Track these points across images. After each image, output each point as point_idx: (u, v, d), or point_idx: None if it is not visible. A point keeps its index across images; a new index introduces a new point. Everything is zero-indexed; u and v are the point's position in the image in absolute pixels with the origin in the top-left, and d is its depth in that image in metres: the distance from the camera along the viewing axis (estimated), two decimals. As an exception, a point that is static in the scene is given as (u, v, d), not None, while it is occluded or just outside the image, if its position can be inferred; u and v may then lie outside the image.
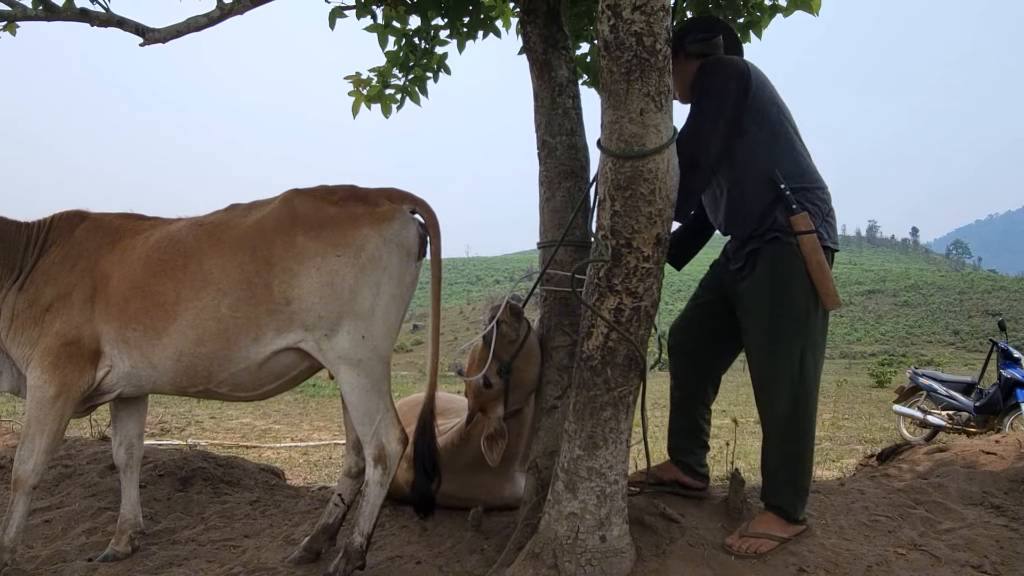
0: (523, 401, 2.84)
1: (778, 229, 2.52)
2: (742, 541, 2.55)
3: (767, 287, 2.54)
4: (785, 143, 2.60)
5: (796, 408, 2.53)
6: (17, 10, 2.83)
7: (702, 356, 2.91)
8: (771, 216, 2.54)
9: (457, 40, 3.76)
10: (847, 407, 12.58)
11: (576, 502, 2.32)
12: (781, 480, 2.62)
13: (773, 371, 2.56)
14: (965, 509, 2.98)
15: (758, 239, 2.57)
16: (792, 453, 2.59)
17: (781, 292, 2.52)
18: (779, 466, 2.62)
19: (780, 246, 2.51)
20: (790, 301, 2.51)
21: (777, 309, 2.53)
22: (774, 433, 2.61)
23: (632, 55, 2.11)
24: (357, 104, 3.92)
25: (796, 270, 2.49)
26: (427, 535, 2.97)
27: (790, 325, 2.51)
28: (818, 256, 2.46)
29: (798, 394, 2.52)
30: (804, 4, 3.33)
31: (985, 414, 7.53)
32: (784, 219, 2.51)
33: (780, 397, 2.55)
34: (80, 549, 2.99)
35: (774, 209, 2.53)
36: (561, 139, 2.89)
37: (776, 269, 2.52)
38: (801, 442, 2.58)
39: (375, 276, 2.57)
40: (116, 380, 2.72)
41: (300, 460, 6.82)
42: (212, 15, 2.99)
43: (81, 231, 2.85)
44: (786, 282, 2.51)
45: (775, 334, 2.54)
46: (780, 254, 2.51)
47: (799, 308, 2.50)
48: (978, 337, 45.60)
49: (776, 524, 2.59)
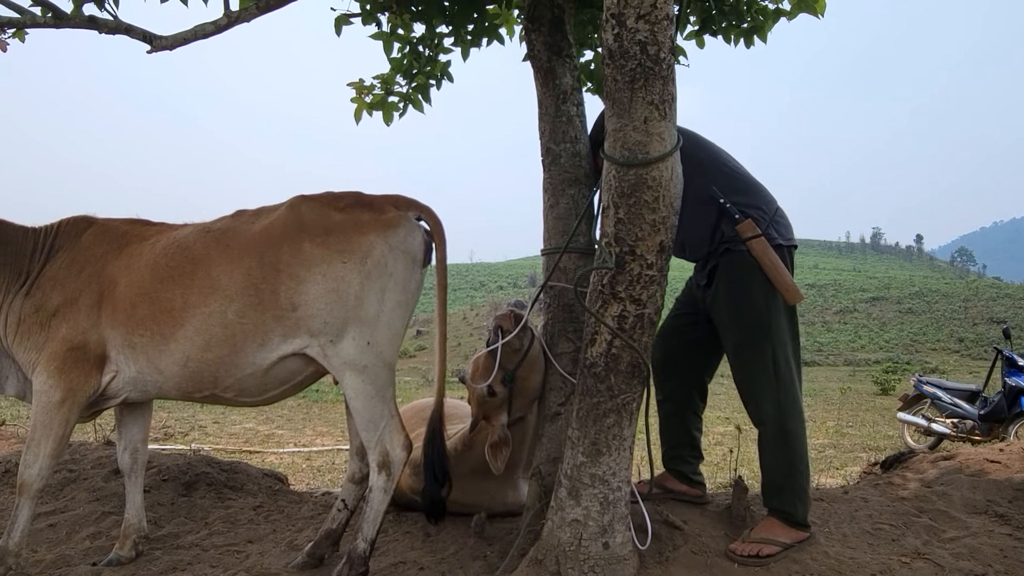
0: (527, 408, 2.85)
1: (727, 241, 2.65)
2: (745, 546, 2.55)
3: (727, 296, 2.65)
4: (712, 167, 2.73)
5: (779, 408, 2.59)
6: (26, 17, 2.85)
7: (684, 366, 2.96)
8: (719, 231, 2.66)
9: (461, 48, 3.78)
10: (851, 414, 12.54)
11: (579, 509, 2.32)
12: (778, 483, 2.64)
13: (750, 375, 2.65)
14: (969, 518, 2.97)
15: (714, 255, 2.70)
16: (785, 454, 2.61)
17: (739, 297, 2.62)
18: (774, 469, 2.65)
19: (732, 256, 2.63)
20: (749, 304, 2.61)
21: (740, 314, 2.63)
22: (765, 436, 2.66)
23: (636, 64, 2.12)
24: (359, 111, 3.94)
25: (751, 274, 2.59)
26: (430, 541, 2.97)
27: (755, 328, 2.60)
28: (769, 256, 2.56)
29: (778, 394, 2.58)
30: (808, 6, 3.34)
31: (990, 422, 7.51)
32: (730, 230, 2.63)
33: (761, 400, 2.61)
34: (84, 553, 2.99)
35: (720, 223, 2.66)
36: (565, 146, 2.91)
37: (732, 277, 2.64)
38: (791, 443, 2.61)
39: (381, 282, 2.59)
40: (122, 385, 2.73)
41: (303, 465, 6.82)
42: (219, 23, 3.01)
43: (88, 237, 2.87)
44: (743, 287, 2.62)
45: (743, 339, 2.64)
46: (733, 263, 2.64)
47: (759, 309, 2.59)
48: (983, 345, 45.43)
49: (779, 529, 2.60)
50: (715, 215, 2.66)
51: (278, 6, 3.11)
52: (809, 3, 3.33)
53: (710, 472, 5.90)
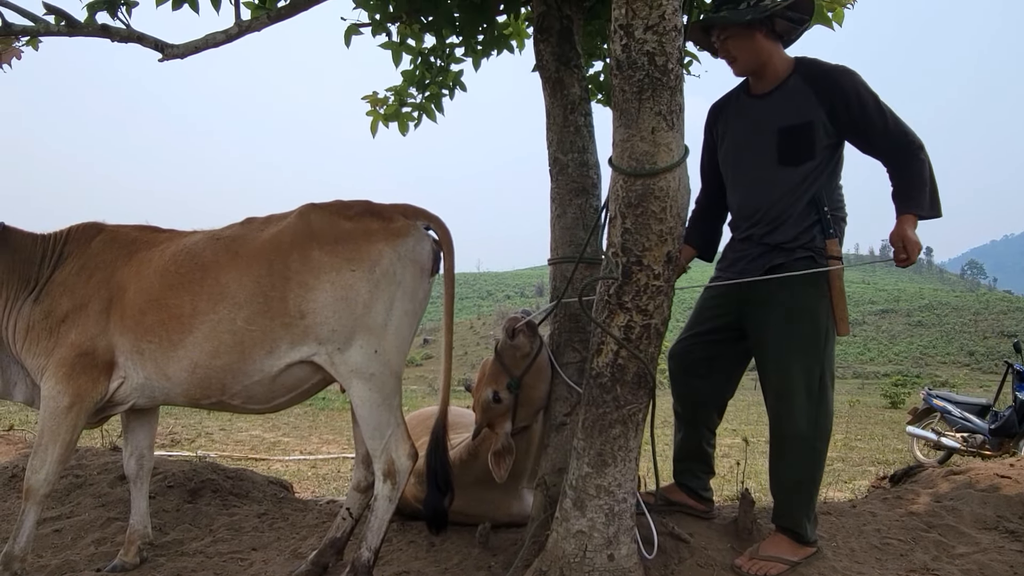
0: (532, 418, 2.84)
1: (812, 249, 2.54)
2: (752, 563, 2.53)
3: (791, 304, 2.53)
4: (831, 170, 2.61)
5: (815, 426, 2.52)
6: (40, 25, 2.89)
7: (706, 383, 2.86)
8: (809, 235, 2.55)
9: (472, 58, 3.80)
10: (860, 427, 12.46)
11: (584, 520, 2.31)
12: (794, 502, 2.59)
13: (792, 388, 2.54)
14: (979, 533, 2.94)
15: (787, 252, 2.56)
16: (807, 474, 2.57)
17: (802, 310, 2.52)
18: (793, 487, 2.59)
19: (809, 265, 2.53)
20: (811, 319, 2.52)
21: (800, 327, 2.53)
22: (790, 453, 2.58)
23: (644, 74, 2.13)
24: (375, 123, 3.97)
25: (822, 292, 2.52)
26: (434, 551, 2.96)
27: (812, 345, 2.52)
28: (842, 282, 2.51)
29: (816, 414, 2.52)
30: (823, 19, 3.31)
31: (1000, 437, 7.43)
32: (821, 241, 2.53)
33: (799, 416, 2.53)
34: (89, 559, 3.00)
35: (813, 228, 2.55)
36: (573, 156, 2.91)
37: (802, 287, 2.52)
38: (816, 464, 2.57)
39: (389, 291, 2.59)
40: (129, 391, 2.74)
41: (309, 473, 6.82)
42: (230, 32, 3.04)
43: (97, 243, 2.88)
44: (811, 303, 2.52)
45: (796, 351, 2.53)
46: (807, 277, 2.52)
47: (820, 329, 2.52)
48: (993, 358, 45.09)
49: (787, 547, 2.57)
50: (813, 219, 2.55)
51: (289, 16, 3.14)
52: (824, 16, 3.30)
53: (717, 484, 5.85)
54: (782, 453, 2.61)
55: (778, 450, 2.62)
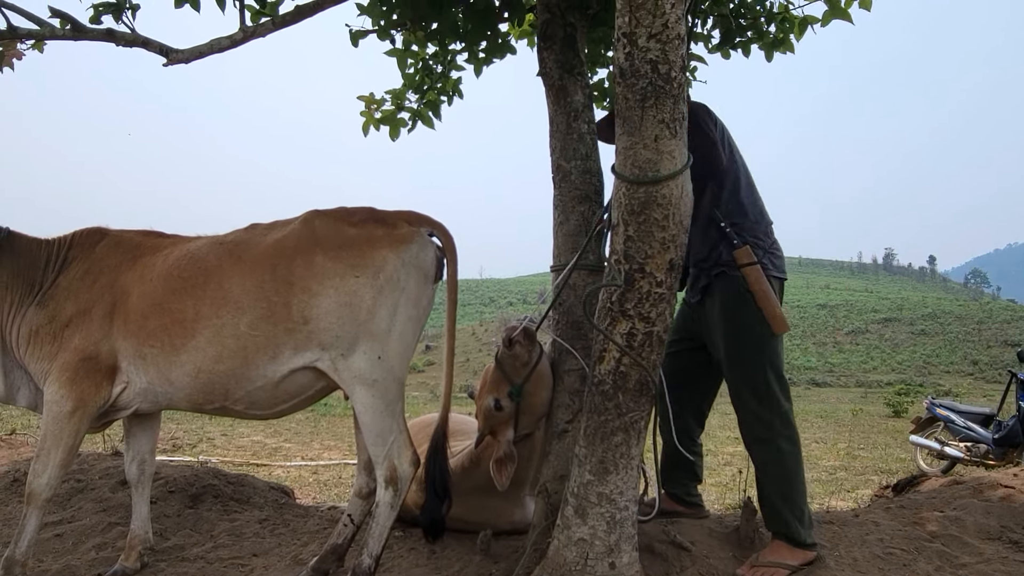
0: (534, 425, 2.83)
1: (723, 264, 2.71)
2: (753, 571, 2.53)
3: (721, 316, 2.72)
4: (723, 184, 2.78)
5: (769, 430, 2.64)
6: (45, 29, 2.90)
7: (682, 392, 2.97)
8: (716, 251, 2.73)
9: (475, 65, 3.81)
10: (863, 436, 12.41)
11: (586, 528, 2.31)
12: (778, 506, 2.64)
13: (742, 395, 2.69)
14: (983, 544, 2.92)
15: (706, 273, 2.76)
16: (781, 476, 2.63)
17: (733, 319, 2.68)
18: (770, 490, 2.67)
19: (727, 279, 2.70)
20: (743, 325, 2.67)
21: (732, 335, 2.69)
22: (759, 458, 2.69)
23: (647, 82, 2.13)
24: (367, 125, 3.97)
25: (744, 299, 2.65)
26: (435, 558, 2.95)
27: (747, 348, 2.67)
28: (762, 285, 2.63)
29: (768, 416, 2.63)
30: (842, 13, 3.27)
31: (1004, 447, 7.40)
32: (728, 254, 2.69)
33: (752, 421, 2.67)
34: (90, 564, 2.99)
35: (719, 245, 2.72)
36: (576, 163, 2.92)
37: (726, 299, 2.70)
38: (785, 464, 2.64)
39: (393, 297, 2.60)
40: (132, 396, 2.74)
41: (310, 479, 6.81)
42: (235, 37, 3.05)
43: (102, 248, 2.89)
44: (737, 310, 2.68)
45: (735, 359, 2.69)
46: (727, 286, 2.70)
47: (753, 331, 2.66)
48: (997, 368, 44.94)
49: (785, 551, 2.59)
50: (716, 236, 2.74)
51: (293, 22, 3.15)
52: (842, 10, 3.25)
53: (719, 493, 5.85)
54: (755, 461, 2.71)
55: (752, 459, 2.73)
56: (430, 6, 3.34)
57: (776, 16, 3.53)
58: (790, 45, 3.59)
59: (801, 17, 3.51)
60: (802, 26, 3.51)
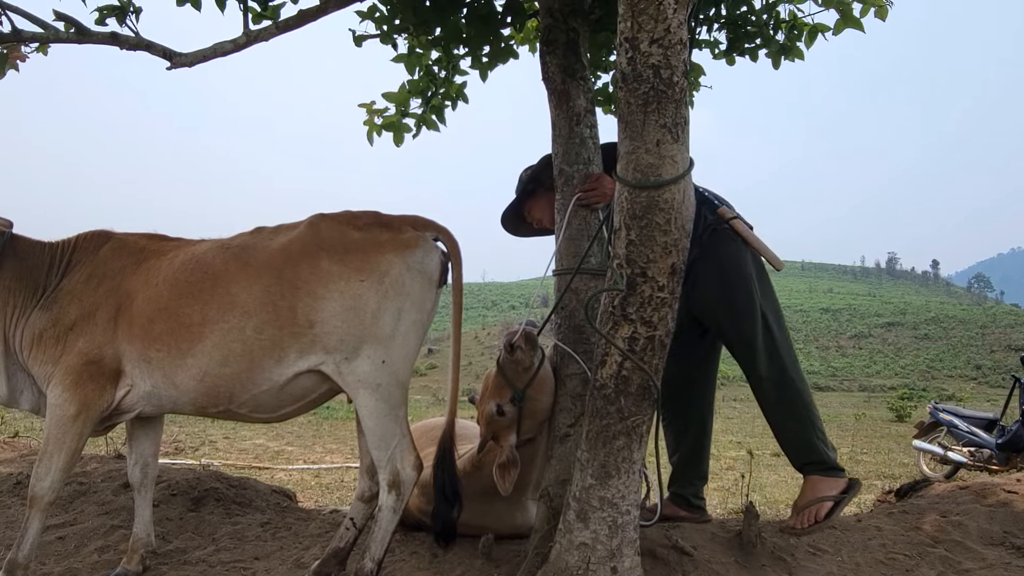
0: (536, 430, 2.83)
1: (710, 224, 2.92)
2: (800, 517, 2.63)
3: (717, 270, 2.85)
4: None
5: (777, 361, 2.75)
6: (49, 32, 2.91)
7: (682, 389, 3.05)
8: (701, 217, 2.88)
9: (479, 70, 3.82)
10: (865, 441, 12.38)
11: (588, 532, 2.30)
12: (799, 436, 2.74)
13: (750, 335, 2.79)
14: (986, 549, 2.92)
15: (697, 241, 2.83)
16: (793, 403, 2.74)
17: (729, 268, 2.85)
18: (790, 423, 2.75)
19: (717, 235, 2.90)
20: (740, 272, 2.84)
21: (731, 283, 2.82)
22: (768, 393, 2.78)
23: (649, 87, 2.13)
24: (371, 132, 3.98)
25: (738, 247, 2.87)
26: (437, 562, 2.95)
27: (748, 292, 2.82)
28: (750, 232, 2.86)
29: (775, 347, 2.76)
30: (854, 22, 3.24)
31: (1007, 452, 7.38)
32: (712, 215, 2.92)
33: (762, 356, 2.76)
34: (92, 567, 3.00)
35: (701, 210, 2.87)
36: (578, 168, 2.92)
37: (721, 253, 2.87)
38: (797, 389, 2.76)
39: (397, 302, 2.60)
40: (136, 400, 2.74)
41: (312, 483, 6.81)
42: (238, 41, 3.06)
43: (106, 251, 2.90)
44: (733, 260, 2.86)
45: (737, 304, 2.81)
46: (719, 240, 2.88)
47: (749, 274, 2.84)
48: (1000, 372, 44.83)
49: (821, 483, 2.68)
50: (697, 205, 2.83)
51: (296, 26, 3.16)
52: (855, 19, 3.23)
53: (721, 497, 5.83)
54: (769, 400, 2.79)
55: (765, 400, 2.81)
56: (432, 11, 3.36)
57: (785, 24, 3.52)
58: (799, 52, 3.57)
59: (811, 25, 3.49)
60: (812, 34, 3.50)
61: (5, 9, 2.79)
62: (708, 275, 2.87)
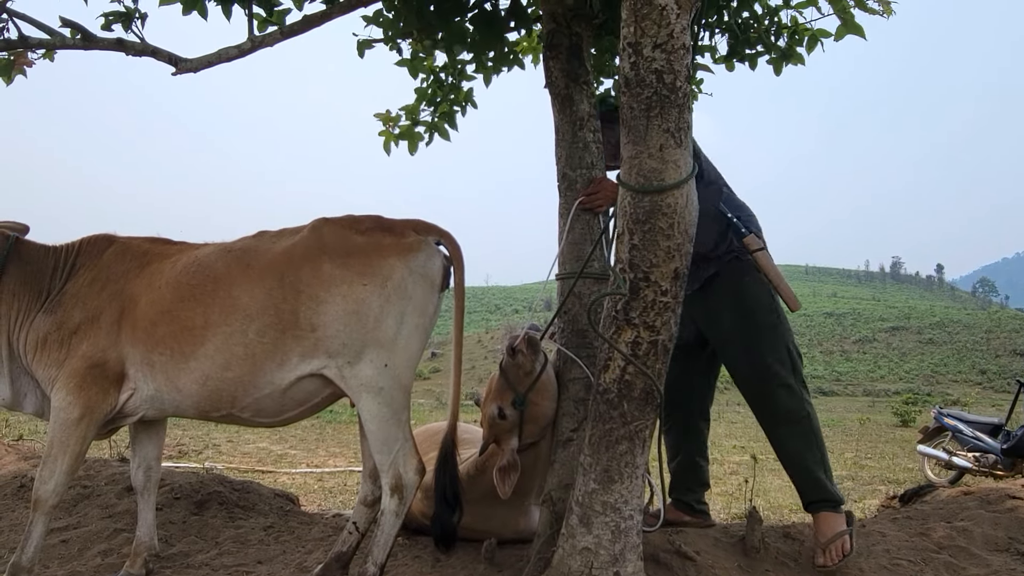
0: (539, 434, 2.83)
1: (734, 251, 2.91)
2: (829, 555, 2.66)
3: (736, 299, 2.87)
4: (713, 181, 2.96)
5: (800, 398, 2.79)
6: (56, 39, 2.93)
7: (683, 395, 3.08)
8: (726, 241, 2.89)
9: (484, 74, 3.83)
10: (870, 446, 12.33)
11: (590, 537, 2.30)
12: (816, 474, 2.77)
13: (770, 370, 2.80)
14: (990, 555, 2.90)
15: (716, 261, 2.90)
16: (815, 443, 2.78)
17: (748, 299, 2.85)
18: (808, 459, 2.77)
19: (739, 264, 2.89)
20: (759, 304, 2.84)
21: (750, 315, 2.84)
22: (794, 430, 2.80)
23: (652, 92, 2.14)
24: (388, 142, 3.99)
25: (758, 279, 2.86)
26: (440, 566, 2.95)
27: (770, 327, 2.85)
28: (775, 268, 2.84)
29: (796, 384, 2.80)
30: (856, 28, 3.25)
31: (1012, 457, 7.35)
32: (738, 242, 2.89)
33: (782, 392, 2.79)
34: (95, 570, 3.00)
35: (727, 234, 2.88)
36: (581, 172, 2.92)
37: (742, 283, 2.86)
38: (815, 431, 2.80)
39: (400, 306, 2.60)
40: (139, 403, 2.75)
41: (315, 486, 6.81)
42: (243, 47, 3.07)
43: (109, 255, 2.91)
44: (752, 290, 2.87)
45: (760, 338, 2.82)
46: (741, 270, 2.89)
47: (769, 307, 2.87)
48: (1005, 377, 44.69)
49: (835, 519, 2.73)
50: (723, 227, 2.89)
51: (301, 31, 3.17)
52: (856, 25, 3.23)
53: (725, 502, 5.82)
54: (783, 436, 2.83)
55: (779, 436, 2.85)
56: (436, 15, 3.36)
57: (786, 29, 3.52)
58: (800, 58, 3.58)
59: (813, 31, 3.50)
60: (813, 40, 3.51)
61: (12, 16, 2.80)
62: (725, 301, 2.92)
